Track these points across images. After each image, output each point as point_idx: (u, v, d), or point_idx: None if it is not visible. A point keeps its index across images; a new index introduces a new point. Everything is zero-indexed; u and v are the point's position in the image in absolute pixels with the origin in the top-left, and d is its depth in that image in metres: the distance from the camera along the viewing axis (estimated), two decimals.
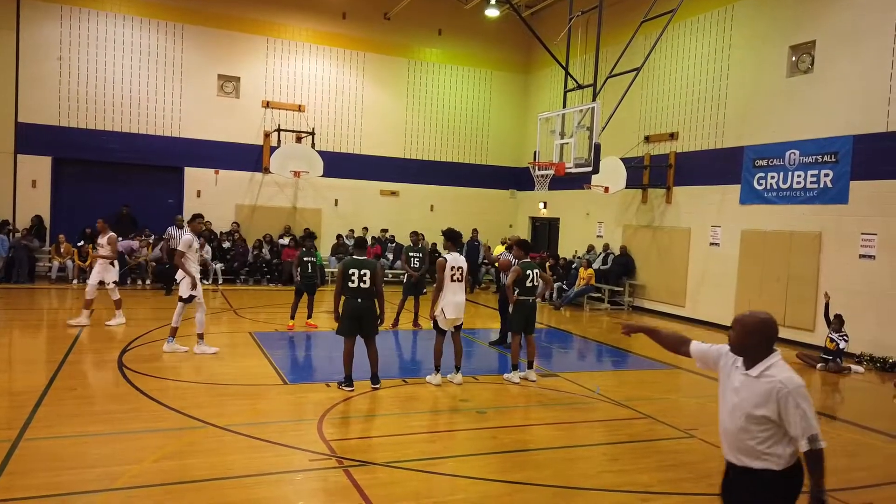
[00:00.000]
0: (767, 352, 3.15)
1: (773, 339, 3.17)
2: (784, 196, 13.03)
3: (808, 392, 3.05)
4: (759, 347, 3.15)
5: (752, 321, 3.18)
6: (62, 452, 5.45)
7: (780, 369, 3.11)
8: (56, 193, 17.39)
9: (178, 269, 9.17)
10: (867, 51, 11.60)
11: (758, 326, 3.16)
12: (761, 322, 3.16)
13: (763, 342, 3.14)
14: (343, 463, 5.49)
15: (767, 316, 3.20)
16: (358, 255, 7.85)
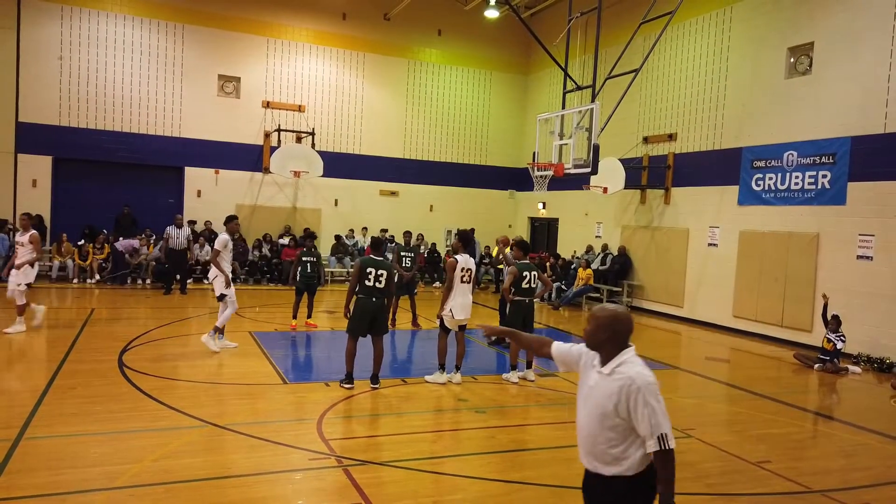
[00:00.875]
0: (620, 347, 2.98)
1: (625, 333, 2.99)
2: (782, 197, 13.06)
3: (658, 389, 2.88)
4: (611, 343, 2.98)
5: (603, 315, 3.01)
6: (62, 451, 5.48)
7: (631, 365, 2.93)
8: (56, 193, 17.41)
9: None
10: (865, 52, 11.63)
11: (608, 321, 2.98)
12: (612, 316, 2.99)
13: (614, 337, 2.97)
14: (342, 462, 5.52)
15: (620, 309, 3.05)
16: (375, 255, 7.89)
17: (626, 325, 3.00)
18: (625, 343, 3.00)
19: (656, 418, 2.83)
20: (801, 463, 6.25)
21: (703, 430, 6.99)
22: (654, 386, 2.87)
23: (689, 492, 5.30)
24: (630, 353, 2.98)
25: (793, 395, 8.94)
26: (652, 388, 2.86)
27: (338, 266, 19.01)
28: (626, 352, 2.98)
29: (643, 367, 2.94)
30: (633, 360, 2.96)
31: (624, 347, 2.99)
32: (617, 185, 15.76)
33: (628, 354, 2.97)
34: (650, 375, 2.90)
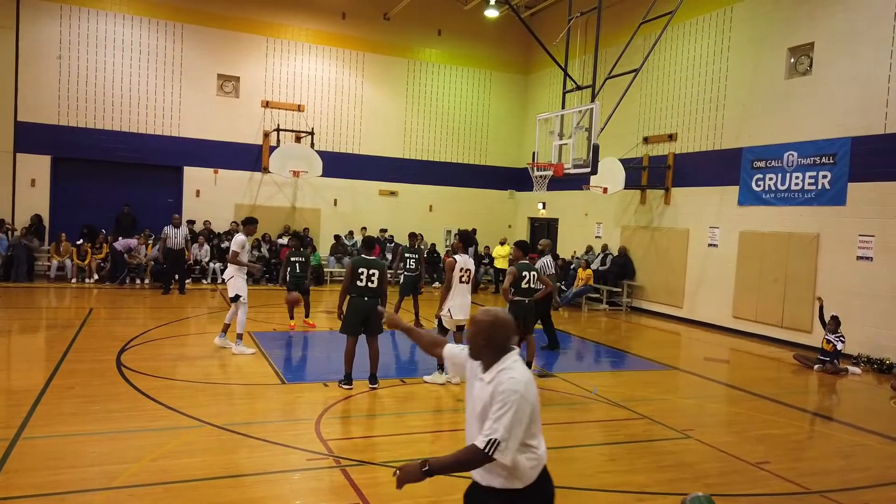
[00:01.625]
0: (500, 353, 2.83)
1: (503, 339, 2.84)
2: (782, 197, 13.06)
3: (523, 402, 2.67)
4: (490, 349, 2.83)
5: (481, 319, 2.85)
6: (61, 451, 5.47)
7: (509, 371, 2.76)
8: (55, 192, 17.39)
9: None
10: (865, 53, 11.62)
11: (485, 325, 2.84)
12: (489, 321, 2.84)
13: (491, 342, 2.82)
14: (340, 462, 5.51)
15: (499, 313, 2.89)
16: (366, 255, 7.89)
17: (504, 330, 2.84)
18: (505, 348, 2.84)
19: (500, 423, 2.64)
20: (800, 464, 6.24)
21: (702, 430, 6.99)
22: (516, 395, 2.67)
23: (687, 492, 5.28)
24: (510, 360, 2.81)
25: (792, 396, 8.93)
26: (514, 397, 2.66)
27: (337, 266, 19.00)
28: (508, 357, 2.82)
29: (522, 374, 2.76)
30: (514, 366, 2.79)
31: (504, 353, 2.83)
32: (617, 185, 15.76)
33: (509, 360, 2.81)
34: (520, 383, 2.70)
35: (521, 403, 2.67)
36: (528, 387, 2.73)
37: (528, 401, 2.71)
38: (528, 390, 2.72)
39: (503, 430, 2.64)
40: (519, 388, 2.69)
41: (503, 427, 2.64)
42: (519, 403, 2.67)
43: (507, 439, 2.64)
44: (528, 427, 2.74)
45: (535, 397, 2.78)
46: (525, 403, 2.69)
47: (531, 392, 2.75)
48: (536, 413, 2.81)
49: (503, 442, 2.63)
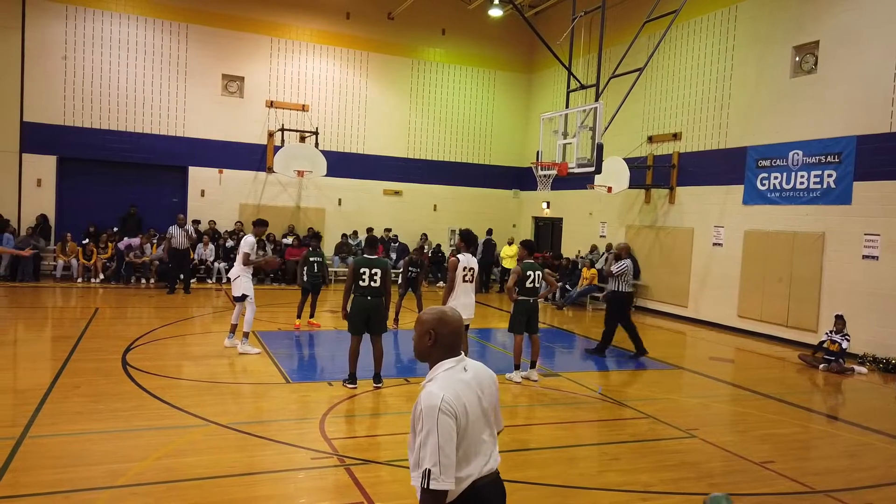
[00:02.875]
0: (438, 357, 2.56)
1: (442, 338, 2.55)
2: (787, 196, 13.02)
3: (446, 414, 2.37)
4: (427, 350, 2.58)
5: (422, 316, 2.61)
6: (66, 450, 5.49)
7: (430, 385, 2.48)
8: (60, 192, 17.46)
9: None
10: (871, 51, 11.58)
11: (420, 322, 2.60)
12: (426, 318, 2.59)
13: (427, 343, 2.57)
14: (345, 461, 5.52)
15: (439, 311, 2.61)
16: (369, 255, 7.90)
17: (441, 328, 2.55)
18: (444, 352, 2.56)
19: (424, 449, 2.35)
20: (805, 463, 6.23)
21: (707, 430, 6.98)
22: (434, 410, 2.36)
23: (692, 492, 5.28)
24: (446, 366, 2.53)
25: (797, 396, 8.91)
26: (432, 412, 2.36)
27: (341, 266, 19.02)
28: (444, 364, 2.54)
29: (446, 383, 2.47)
30: (443, 375, 2.51)
31: (444, 358, 2.55)
32: (621, 184, 15.73)
33: (443, 367, 2.53)
34: (437, 398, 2.39)
35: (443, 421, 2.35)
36: (449, 399, 2.39)
37: (451, 415, 2.37)
38: (449, 403, 2.38)
39: (429, 453, 2.34)
40: (435, 403, 2.37)
41: (429, 452, 2.34)
42: (439, 421, 2.35)
43: (440, 464, 2.33)
44: (462, 445, 2.42)
45: (462, 408, 2.42)
46: (447, 420, 2.36)
47: (454, 404, 2.40)
48: (471, 429, 2.46)
49: (434, 468, 2.32)
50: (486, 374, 2.67)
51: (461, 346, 2.63)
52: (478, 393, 2.54)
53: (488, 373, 2.70)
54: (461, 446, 2.42)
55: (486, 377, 2.66)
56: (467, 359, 2.65)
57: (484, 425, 2.55)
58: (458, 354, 2.59)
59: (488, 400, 2.60)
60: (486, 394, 2.59)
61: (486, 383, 2.62)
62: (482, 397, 2.56)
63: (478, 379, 2.59)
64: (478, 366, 2.67)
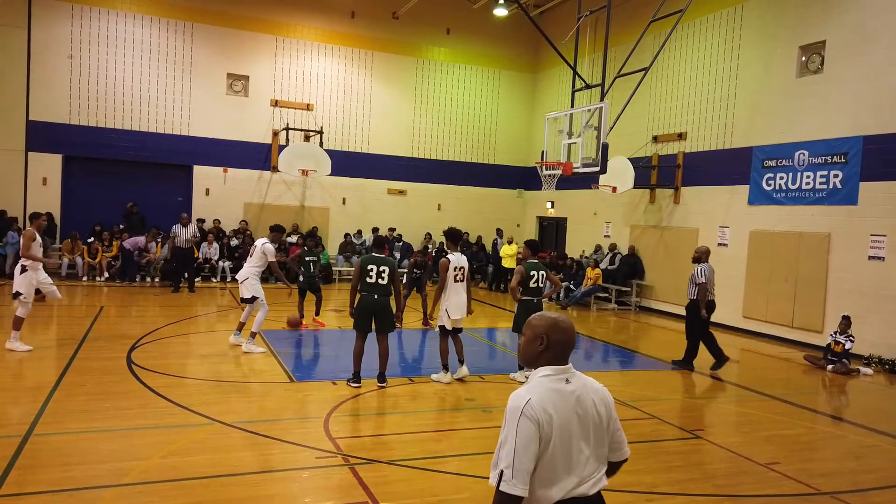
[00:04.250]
0: (544, 363, 2.50)
1: (553, 344, 2.49)
2: (793, 197, 12.97)
3: (528, 415, 2.32)
4: (536, 355, 2.52)
5: (533, 321, 2.57)
6: (71, 448, 5.50)
7: (526, 385, 2.47)
8: (66, 191, 17.52)
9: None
10: (877, 51, 11.52)
11: (531, 327, 2.56)
12: (539, 323, 2.54)
13: (538, 347, 2.51)
14: (349, 461, 5.52)
15: (552, 317, 2.56)
16: (377, 253, 7.91)
17: (562, 336, 2.50)
18: (558, 359, 2.49)
19: (502, 448, 2.34)
20: (810, 464, 6.20)
21: (712, 430, 6.96)
22: (516, 411, 2.33)
23: (697, 493, 5.27)
24: (541, 373, 2.48)
25: (802, 397, 8.88)
26: (514, 412, 2.34)
27: (346, 265, 19.04)
28: (542, 370, 2.49)
29: (534, 386, 2.44)
30: (538, 380, 2.46)
31: (554, 364, 2.49)
32: (626, 184, 15.70)
33: (539, 374, 2.48)
34: (521, 398, 2.36)
35: (524, 425, 2.31)
36: (534, 406, 2.33)
37: (533, 420, 2.31)
38: (533, 408, 2.32)
39: (505, 454, 2.31)
40: (519, 405, 2.33)
41: (505, 454, 2.32)
42: (520, 424, 2.31)
43: (513, 467, 2.29)
44: (546, 458, 2.33)
45: (548, 417, 2.33)
46: (528, 425, 2.30)
47: (539, 410, 2.32)
48: (560, 443, 2.36)
49: (507, 471, 2.29)
50: (595, 393, 2.53)
51: (569, 355, 2.55)
52: (576, 409, 2.43)
53: (600, 393, 2.55)
54: (545, 458, 2.35)
55: (594, 395, 2.52)
56: (577, 373, 2.56)
57: (581, 443, 2.43)
58: (565, 364, 2.52)
59: (593, 419, 2.47)
60: (588, 412, 2.46)
61: (590, 401, 2.49)
62: (582, 414, 2.44)
63: (580, 394, 2.47)
64: (587, 382, 2.55)
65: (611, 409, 2.55)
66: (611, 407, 2.56)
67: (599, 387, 2.57)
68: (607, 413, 2.53)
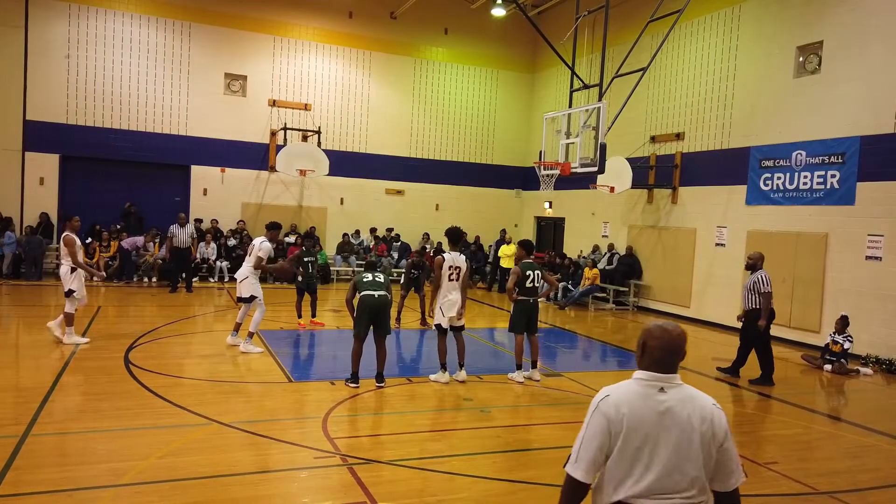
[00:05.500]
0: (643, 367, 2.58)
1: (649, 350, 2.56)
2: (790, 197, 12.99)
3: (599, 408, 2.48)
4: (638, 358, 2.61)
5: (645, 325, 2.70)
6: (69, 448, 5.49)
7: (617, 384, 2.60)
8: (63, 191, 17.48)
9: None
10: (875, 51, 11.55)
11: (643, 334, 2.64)
12: (646, 328, 2.64)
13: (638, 352, 2.62)
14: (347, 461, 5.51)
15: (658, 325, 2.62)
16: (368, 273, 8.08)
17: (658, 342, 2.54)
18: (657, 366, 2.53)
19: (578, 435, 2.51)
20: (808, 464, 6.21)
21: None
22: (594, 404, 2.50)
23: None
24: (636, 376, 2.57)
25: (800, 396, 8.89)
26: (592, 405, 2.51)
27: (343, 265, 19.03)
28: (638, 373, 2.57)
29: (620, 386, 2.55)
30: (629, 381, 2.57)
31: (653, 370, 2.53)
32: (624, 184, 15.71)
33: (635, 376, 2.57)
34: (601, 395, 2.51)
35: (595, 417, 2.46)
36: (609, 402, 2.45)
37: (604, 415, 2.44)
38: (608, 404, 2.45)
39: (577, 441, 2.49)
40: (598, 398, 2.49)
41: (578, 439, 2.50)
42: (592, 416, 2.47)
43: (578, 452, 2.46)
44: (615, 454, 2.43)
45: (620, 416, 2.43)
46: (599, 418, 2.44)
47: (613, 407, 2.44)
48: (631, 444, 2.42)
49: (573, 454, 2.47)
50: (699, 411, 2.47)
51: (676, 366, 2.53)
52: (663, 419, 2.44)
53: (705, 412, 2.47)
54: (615, 454, 2.43)
55: (695, 413, 2.46)
56: (686, 387, 2.52)
57: (658, 454, 2.42)
58: (666, 373, 2.50)
59: (683, 435, 2.44)
60: (679, 426, 2.44)
61: (685, 416, 2.45)
62: (669, 426, 2.43)
63: (674, 406, 2.46)
64: (694, 398, 2.50)
65: (716, 433, 2.47)
66: (718, 431, 2.48)
67: (710, 409, 2.50)
68: (709, 435, 2.46)
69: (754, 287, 9.30)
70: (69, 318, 9.27)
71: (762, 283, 9.24)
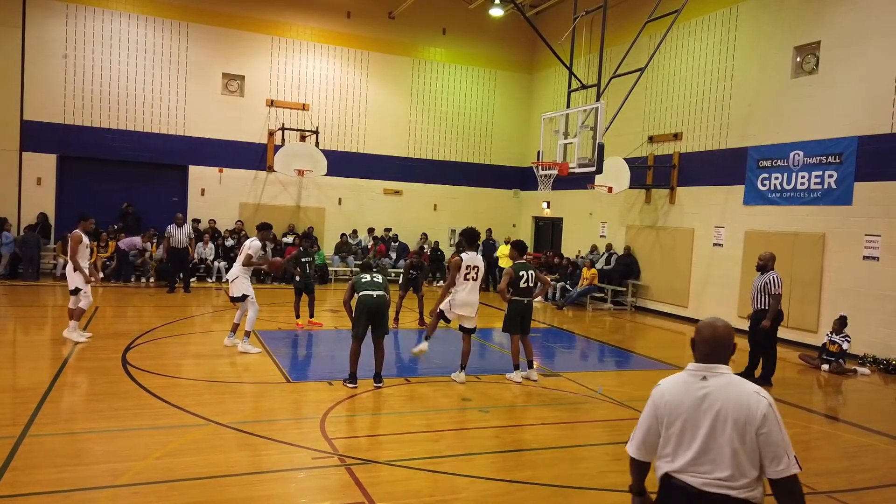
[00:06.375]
0: (694, 360, 2.93)
1: (696, 345, 2.92)
2: (788, 197, 13.01)
3: (649, 401, 2.92)
4: (694, 353, 2.95)
5: (698, 326, 3.02)
6: (66, 449, 5.48)
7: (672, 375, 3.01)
8: (60, 191, 17.45)
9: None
10: (872, 52, 11.57)
11: (696, 331, 3.00)
12: (698, 324, 3.01)
13: (693, 348, 2.96)
14: (345, 461, 5.51)
15: (706, 321, 2.98)
16: (365, 274, 8.07)
17: (702, 337, 2.88)
18: (704, 358, 2.84)
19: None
20: (806, 464, 6.15)
21: None
22: (651, 396, 2.92)
23: None
24: (687, 368, 2.89)
25: (798, 396, 8.90)
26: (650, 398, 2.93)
27: (341, 265, 19.02)
28: (689, 365, 2.90)
29: (671, 378, 2.92)
30: (680, 373, 2.93)
31: (701, 362, 2.85)
32: (622, 184, 15.73)
33: (686, 368, 2.91)
34: (656, 386, 2.93)
35: (647, 404, 2.91)
36: (658, 390, 2.87)
37: (652, 401, 2.87)
38: (656, 393, 2.87)
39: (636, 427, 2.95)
40: (654, 389, 2.91)
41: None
42: (647, 403, 2.91)
43: (633, 434, 2.96)
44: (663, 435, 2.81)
45: (664, 402, 2.81)
46: (649, 404, 2.89)
47: (660, 395, 2.84)
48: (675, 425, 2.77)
49: (632, 435, 2.98)
50: (735, 398, 2.69)
51: (723, 357, 2.82)
52: (701, 404, 2.72)
53: (741, 399, 2.69)
54: (663, 434, 2.81)
55: (732, 400, 2.69)
56: (729, 376, 2.77)
57: (694, 435, 2.71)
58: (710, 364, 2.79)
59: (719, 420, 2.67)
60: (714, 412, 2.68)
61: (720, 402, 2.69)
62: (706, 410, 2.70)
63: (712, 393, 2.72)
64: (732, 386, 2.73)
65: (753, 418, 2.65)
66: (754, 415, 2.65)
67: (748, 394, 2.70)
68: (744, 419, 2.65)
69: (764, 288, 9.27)
70: (77, 314, 9.40)
71: (773, 284, 9.20)
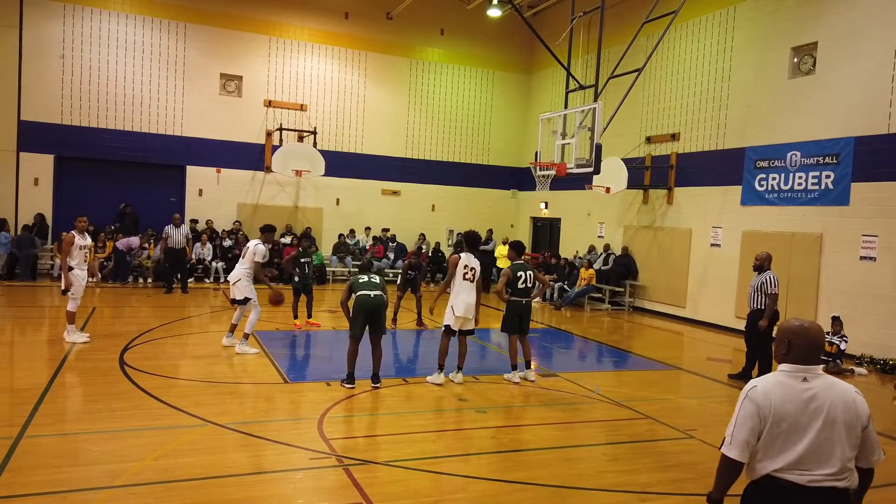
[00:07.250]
0: (789, 363, 2.94)
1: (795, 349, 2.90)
2: (785, 197, 13.03)
3: (750, 396, 2.85)
4: (781, 357, 2.96)
5: (784, 325, 3.01)
6: (64, 450, 5.48)
7: (763, 377, 2.97)
8: (58, 191, 17.43)
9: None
10: (869, 52, 11.60)
11: (781, 330, 3.01)
12: (787, 328, 2.98)
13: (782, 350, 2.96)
14: (343, 462, 5.51)
15: (800, 323, 2.95)
16: (363, 275, 8.08)
17: (805, 340, 2.87)
18: (802, 360, 2.86)
19: (730, 422, 2.91)
20: None
21: (705, 430, 6.98)
22: (744, 394, 2.88)
23: (690, 492, 5.28)
24: (781, 369, 2.90)
25: None
26: (741, 395, 2.90)
27: (339, 265, 19.02)
28: (783, 366, 2.90)
29: (767, 378, 2.90)
30: (775, 374, 2.92)
31: (797, 364, 2.87)
32: (619, 184, 15.74)
33: (779, 369, 2.91)
34: (749, 386, 2.90)
35: (745, 405, 2.85)
36: (758, 391, 2.83)
37: (753, 402, 2.82)
38: (757, 393, 2.83)
39: (730, 426, 2.88)
40: (747, 389, 2.88)
41: (730, 424, 2.88)
42: (742, 404, 2.86)
43: (731, 435, 2.86)
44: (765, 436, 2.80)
45: (768, 403, 2.80)
46: (748, 405, 2.83)
47: (761, 395, 2.81)
48: (781, 426, 2.78)
49: (727, 437, 2.88)
50: (840, 397, 2.82)
51: (817, 358, 2.88)
52: (808, 404, 2.78)
53: (846, 397, 2.83)
54: (764, 436, 2.81)
55: (838, 399, 2.81)
56: (826, 375, 2.88)
57: (803, 435, 2.78)
58: (808, 365, 2.85)
59: (828, 419, 2.78)
60: (823, 411, 2.78)
61: (828, 402, 2.79)
62: (814, 410, 2.78)
63: (819, 394, 2.80)
64: (835, 386, 2.85)
65: (860, 417, 2.85)
66: (861, 415, 2.86)
67: (849, 394, 2.86)
68: (853, 419, 2.83)
69: (761, 288, 9.29)
70: (70, 316, 9.37)
71: (770, 283, 9.23)
